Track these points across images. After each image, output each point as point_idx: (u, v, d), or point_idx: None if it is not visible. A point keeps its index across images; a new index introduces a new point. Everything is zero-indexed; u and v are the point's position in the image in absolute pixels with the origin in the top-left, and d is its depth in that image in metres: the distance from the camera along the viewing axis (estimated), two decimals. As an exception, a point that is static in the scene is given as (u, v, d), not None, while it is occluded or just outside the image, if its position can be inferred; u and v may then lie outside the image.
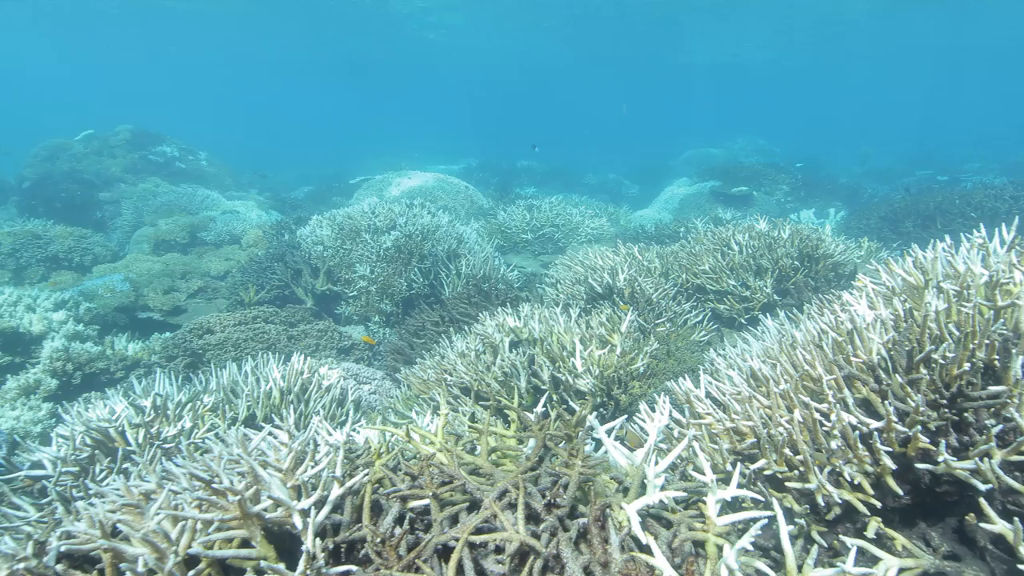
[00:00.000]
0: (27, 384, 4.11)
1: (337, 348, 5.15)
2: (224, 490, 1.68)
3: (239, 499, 1.62)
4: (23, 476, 2.80)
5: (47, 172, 11.28)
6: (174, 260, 7.81)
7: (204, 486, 1.72)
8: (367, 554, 1.61)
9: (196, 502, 1.72)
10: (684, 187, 14.99)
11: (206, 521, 1.67)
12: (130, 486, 1.83)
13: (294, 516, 1.66)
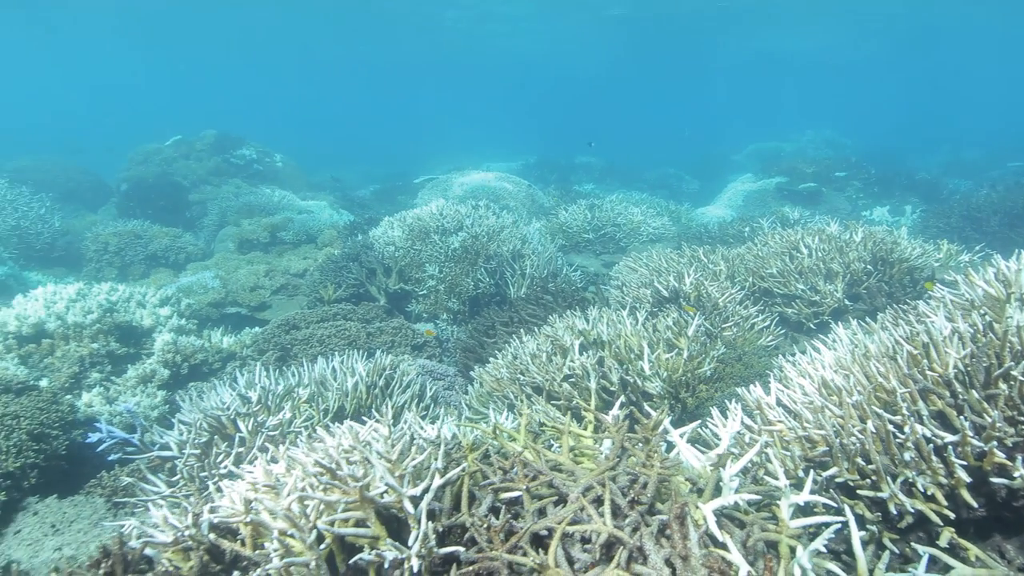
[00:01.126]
0: (144, 373, 4.61)
1: (411, 345, 5.45)
2: (345, 476, 1.94)
3: (360, 485, 1.87)
4: (154, 456, 3.20)
5: (142, 175, 12.24)
6: (257, 259, 8.38)
7: (326, 472, 1.98)
8: (469, 537, 1.82)
9: (321, 486, 1.98)
10: (748, 183, 14.66)
11: (328, 503, 1.92)
12: (266, 469, 2.11)
13: (404, 501, 1.90)
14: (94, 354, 4.68)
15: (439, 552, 1.75)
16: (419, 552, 1.70)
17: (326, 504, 1.91)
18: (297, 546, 1.75)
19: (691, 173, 22.68)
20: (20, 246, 8.11)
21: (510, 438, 2.50)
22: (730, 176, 18.92)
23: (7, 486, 3.00)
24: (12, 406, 3.36)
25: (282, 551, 1.80)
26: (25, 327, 4.75)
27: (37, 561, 2.78)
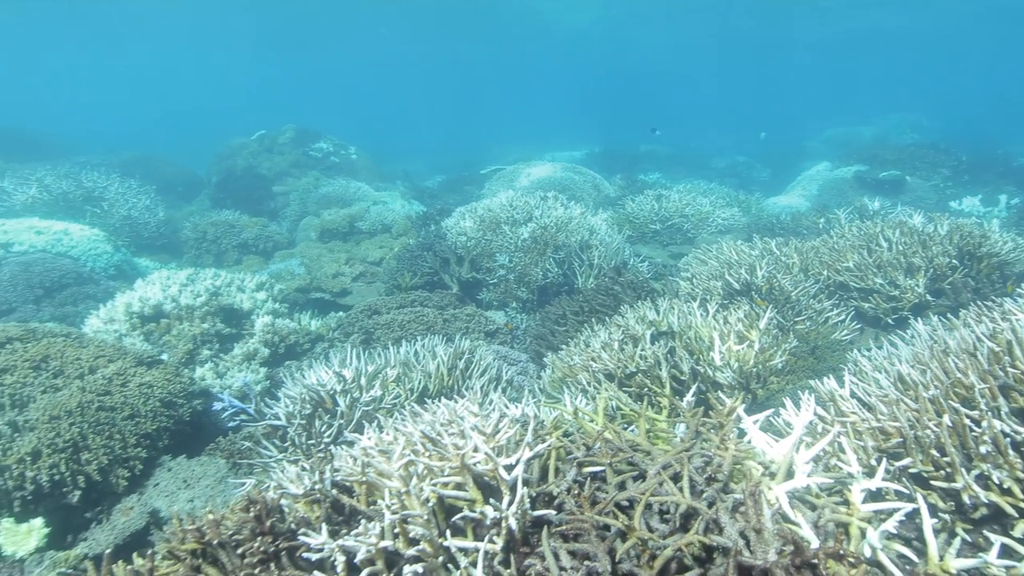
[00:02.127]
0: (248, 351, 5.10)
1: (484, 331, 5.72)
2: (447, 445, 2.20)
3: (461, 454, 2.12)
4: (266, 424, 3.61)
5: (230, 168, 13.13)
6: (337, 247, 8.90)
7: (431, 441, 2.25)
8: (557, 504, 2.04)
9: (427, 454, 2.24)
10: (824, 171, 14.09)
11: (433, 468, 2.19)
12: (378, 437, 2.40)
13: (499, 470, 2.13)
14: (205, 333, 5.21)
15: (532, 514, 1.98)
16: (515, 513, 1.93)
17: (431, 469, 2.17)
18: (411, 503, 2.01)
19: (762, 161, 21.93)
20: (131, 234, 8.98)
21: (589, 419, 2.70)
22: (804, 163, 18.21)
23: (147, 445, 3.47)
24: (147, 376, 3.85)
25: (397, 506, 2.07)
26: (147, 308, 5.34)
27: (173, 510, 3.22)
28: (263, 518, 2.01)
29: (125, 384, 3.69)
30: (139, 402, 3.61)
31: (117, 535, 2.95)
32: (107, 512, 3.20)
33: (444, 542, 1.94)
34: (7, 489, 2.97)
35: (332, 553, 1.90)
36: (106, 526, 3.06)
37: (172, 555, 2.03)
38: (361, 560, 1.90)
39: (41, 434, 3.12)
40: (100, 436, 3.28)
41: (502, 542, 1.98)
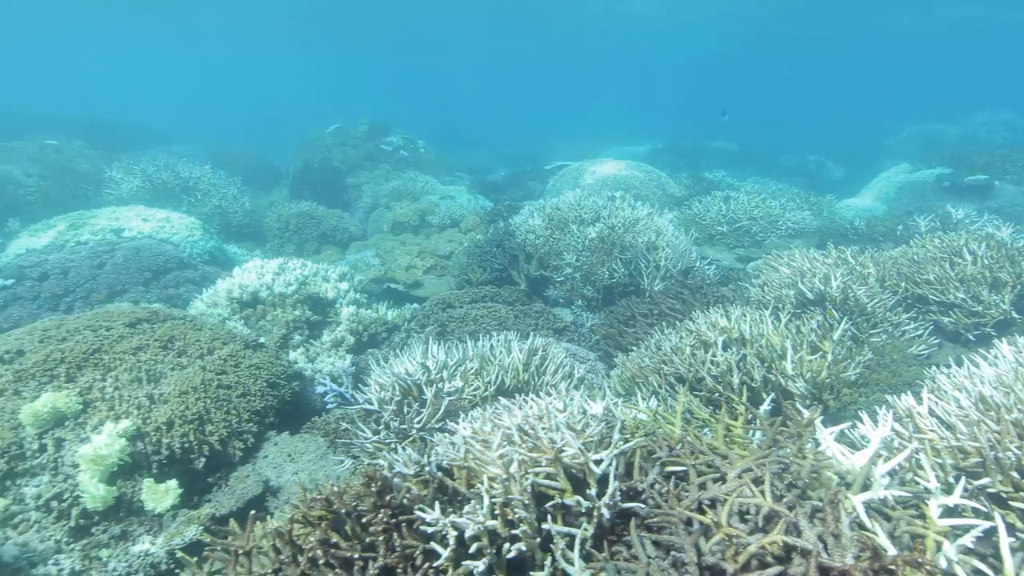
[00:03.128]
0: (336, 339, 5.51)
1: (553, 329, 5.93)
2: (542, 438, 2.43)
3: (556, 447, 2.35)
4: (360, 408, 3.96)
5: (307, 161, 13.81)
6: (409, 240, 9.31)
7: (527, 434, 2.49)
8: (644, 498, 2.24)
9: (523, 444, 2.48)
10: (903, 173, 13.49)
11: (528, 459, 2.42)
12: (475, 428, 2.66)
13: (590, 463, 2.35)
14: (296, 320, 5.66)
15: (622, 506, 2.18)
16: (608, 503, 2.14)
17: (528, 460, 2.41)
18: (513, 488, 2.26)
19: (835, 159, 21.11)
20: (221, 222, 9.67)
21: (668, 421, 2.87)
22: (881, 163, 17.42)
23: (256, 421, 3.88)
24: (254, 359, 4.27)
25: (497, 491, 2.32)
26: (245, 295, 5.83)
27: (281, 480, 3.61)
28: (383, 493, 2.30)
29: (237, 365, 4.11)
30: (249, 382, 4.02)
31: (237, 499, 3.35)
32: (225, 478, 3.62)
33: (543, 525, 2.17)
34: (147, 453, 3.42)
35: (445, 528, 2.17)
36: (226, 490, 3.47)
37: (305, 520, 2.35)
38: (470, 536, 2.16)
39: (173, 406, 3.56)
40: (220, 411, 3.70)
41: (592, 529, 2.20)
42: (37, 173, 9.99)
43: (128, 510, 3.28)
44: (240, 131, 23.61)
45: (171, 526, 3.24)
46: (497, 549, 2.22)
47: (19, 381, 3.57)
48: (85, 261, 7.07)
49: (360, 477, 2.53)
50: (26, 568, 2.90)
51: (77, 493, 3.19)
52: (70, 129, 13.97)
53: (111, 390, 3.60)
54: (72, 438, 3.39)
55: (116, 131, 15.59)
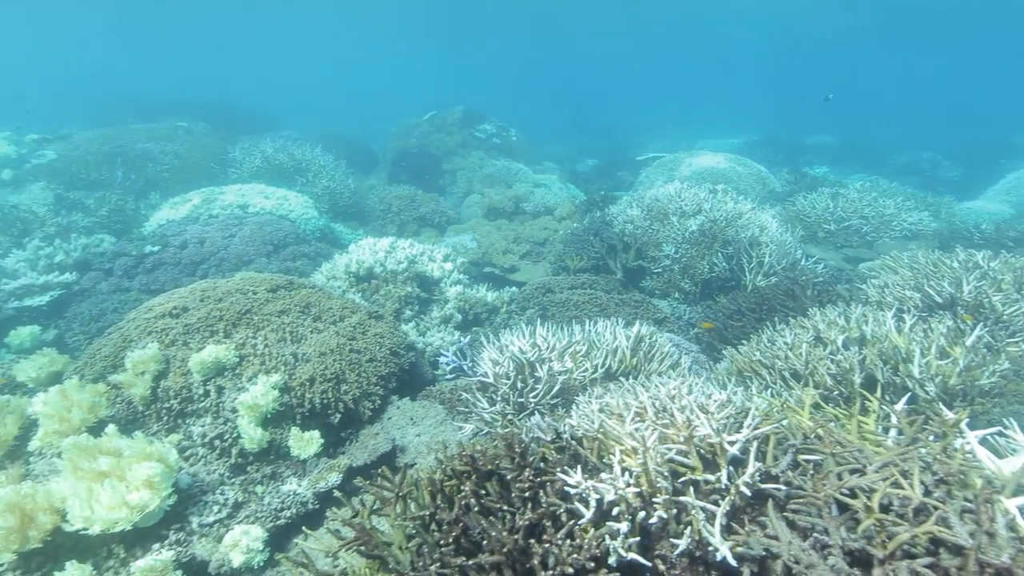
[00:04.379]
0: (445, 315, 5.81)
1: (653, 319, 5.96)
2: (677, 417, 2.52)
3: (692, 426, 2.44)
4: (477, 381, 4.19)
5: (404, 146, 14.36)
6: (503, 226, 9.53)
7: (662, 412, 2.59)
8: (784, 481, 2.29)
9: (657, 421, 2.59)
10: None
11: (663, 436, 2.53)
12: (606, 402, 2.79)
13: (724, 444, 2.42)
14: (408, 296, 5.99)
15: (760, 487, 2.25)
16: (747, 482, 2.22)
17: (662, 436, 2.52)
18: (650, 462, 2.37)
19: (951, 158, 19.49)
20: (330, 202, 10.29)
21: (796, 413, 2.88)
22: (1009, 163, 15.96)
23: (382, 385, 4.20)
24: (378, 328, 4.60)
25: (633, 462, 2.45)
26: (361, 270, 6.24)
27: (404, 440, 3.89)
28: (525, 455, 2.48)
29: (364, 333, 4.45)
30: (375, 349, 4.34)
31: (369, 453, 3.66)
32: (355, 435, 3.96)
33: (681, 498, 2.27)
34: (292, 405, 3.79)
35: (587, 491, 2.32)
36: (358, 445, 3.80)
37: (453, 474, 2.57)
38: (610, 501, 2.30)
39: (315, 365, 3.92)
40: (353, 373, 4.04)
41: (726, 507, 2.28)
42: (172, 152, 11.02)
43: (277, 454, 3.67)
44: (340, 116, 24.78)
45: (314, 471, 3.59)
46: (632, 515, 2.34)
47: (187, 334, 4.05)
48: (217, 233, 7.77)
49: (499, 440, 2.73)
50: (198, 495, 3.33)
51: (236, 434, 3.61)
52: (196, 113, 15.24)
53: (262, 347, 4.01)
54: (230, 387, 3.82)
55: (235, 115, 16.84)
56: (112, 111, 15.86)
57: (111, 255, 7.46)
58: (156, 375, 3.81)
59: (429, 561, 2.17)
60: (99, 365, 3.99)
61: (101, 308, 6.70)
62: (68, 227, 8.27)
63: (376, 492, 2.52)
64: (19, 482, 3.18)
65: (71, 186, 9.65)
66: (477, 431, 3.85)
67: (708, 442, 2.51)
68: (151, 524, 3.06)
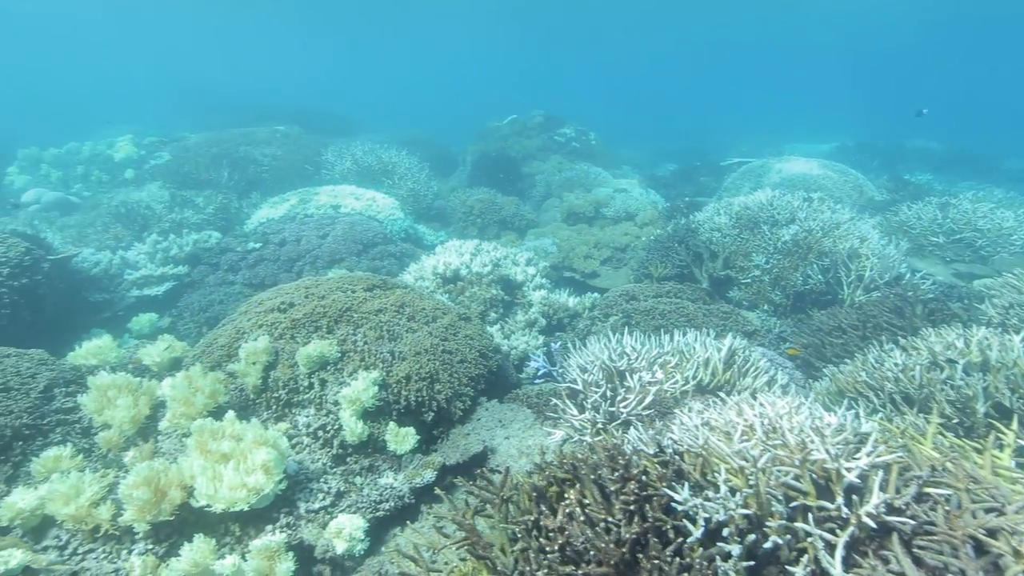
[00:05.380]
0: (529, 319, 5.86)
1: (743, 331, 5.76)
2: (789, 438, 2.43)
3: (806, 450, 2.35)
4: (566, 387, 4.20)
5: (484, 150, 14.60)
6: (584, 231, 9.50)
7: (773, 432, 2.51)
8: (911, 515, 2.16)
9: (765, 441, 2.51)
10: None
11: (775, 458, 2.44)
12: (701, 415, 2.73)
13: (841, 470, 2.31)
14: (493, 298, 6.09)
15: (884, 519, 2.13)
16: (870, 512, 2.11)
17: (772, 458, 2.43)
18: (762, 482, 2.30)
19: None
20: (414, 204, 10.62)
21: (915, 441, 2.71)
22: None
23: (472, 386, 4.29)
24: (468, 329, 4.70)
25: (741, 483, 2.38)
26: (448, 271, 6.39)
27: (494, 443, 3.96)
28: (629, 467, 2.46)
29: (456, 334, 4.56)
30: (466, 350, 4.44)
31: (462, 453, 3.75)
32: (446, 434, 4.06)
33: (797, 524, 2.19)
34: (389, 402, 3.94)
35: (695, 509, 2.28)
36: (450, 444, 3.90)
37: (554, 480, 2.60)
38: (719, 521, 2.25)
39: (410, 363, 4.06)
40: (445, 372, 4.15)
41: (845, 537, 2.17)
42: (271, 154, 11.72)
43: (374, 447, 3.83)
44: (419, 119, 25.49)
45: (409, 467, 3.72)
46: (741, 537, 2.28)
47: (294, 328, 4.30)
48: (312, 231, 8.19)
49: (600, 450, 2.73)
50: (304, 482, 3.53)
51: (337, 426, 3.79)
52: (289, 117, 16.13)
53: (361, 343, 4.20)
54: (332, 380, 4.02)
55: (323, 119, 17.71)
56: (215, 116, 17.06)
57: (218, 250, 8.03)
58: (266, 366, 4.07)
59: (535, 567, 2.20)
60: (216, 354, 4.31)
61: (209, 299, 7.23)
62: (180, 223, 8.98)
63: (481, 494, 2.58)
64: (151, 458, 3.48)
65: (183, 185, 10.46)
66: (567, 438, 3.86)
67: (823, 467, 2.41)
68: (263, 506, 3.27)
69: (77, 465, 3.42)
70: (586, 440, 3.81)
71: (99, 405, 3.68)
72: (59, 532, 3.16)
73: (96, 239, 8.58)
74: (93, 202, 9.75)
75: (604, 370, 4.20)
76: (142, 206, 9.12)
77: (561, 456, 2.67)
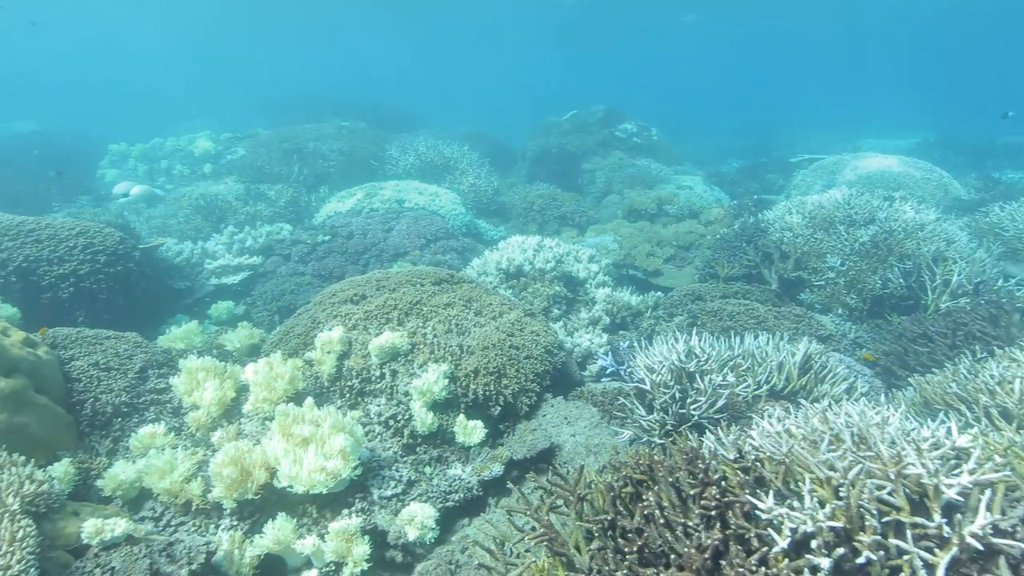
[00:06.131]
0: (593, 317, 5.83)
1: (816, 336, 5.53)
2: (882, 450, 2.32)
3: (902, 463, 2.23)
4: (634, 387, 4.16)
5: (544, 145, 14.57)
6: (646, 228, 9.34)
7: (860, 443, 2.40)
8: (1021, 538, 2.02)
9: (855, 452, 2.40)
10: None
11: (866, 470, 2.34)
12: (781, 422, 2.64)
13: (940, 486, 2.19)
14: (556, 295, 6.08)
15: (992, 540, 2.01)
16: (976, 533, 1.99)
17: (864, 470, 2.33)
18: (853, 495, 2.21)
19: None
20: (474, 199, 10.73)
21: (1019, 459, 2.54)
22: None
23: (538, 382, 4.30)
24: (534, 325, 4.71)
25: (827, 494, 2.29)
26: (511, 267, 6.43)
27: (559, 439, 3.96)
28: (709, 471, 2.41)
29: (522, 330, 4.58)
30: (532, 346, 4.46)
31: (528, 448, 3.77)
32: (512, 429, 4.10)
33: (893, 541, 2.09)
34: (457, 395, 4.01)
35: (779, 519, 2.22)
36: (517, 439, 3.93)
37: (629, 481, 2.58)
38: (805, 532, 2.17)
39: (478, 357, 4.11)
40: (512, 367, 4.18)
41: (948, 558, 2.06)
42: (338, 149, 12.09)
43: (442, 439, 3.91)
44: (478, 114, 25.70)
45: (476, 460, 3.77)
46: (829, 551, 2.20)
47: (366, 320, 4.43)
48: (378, 225, 8.41)
49: (677, 452, 2.68)
50: (376, 469, 3.64)
51: (408, 416, 3.89)
52: (355, 113, 16.59)
53: (431, 336, 4.28)
54: (403, 371, 4.12)
55: (386, 114, 18.10)
56: (286, 112, 17.72)
57: (289, 242, 8.36)
58: (340, 355, 4.21)
59: (614, 567, 2.19)
60: (293, 342, 4.50)
61: (280, 289, 7.54)
62: (254, 215, 9.40)
63: (554, 490, 2.59)
64: (235, 439, 3.67)
65: (256, 179, 10.93)
66: (635, 438, 3.82)
67: (918, 482, 2.29)
68: (339, 491, 3.39)
69: (169, 442, 3.65)
70: (655, 441, 3.76)
71: (189, 387, 3.91)
72: (154, 504, 3.38)
73: (178, 229, 9.10)
74: (175, 195, 10.34)
75: (673, 371, 4.12)
76: (220, 199, 9.59)
77: (636, 456, 2.64)
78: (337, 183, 11.13)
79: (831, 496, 2.36)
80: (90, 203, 11.17)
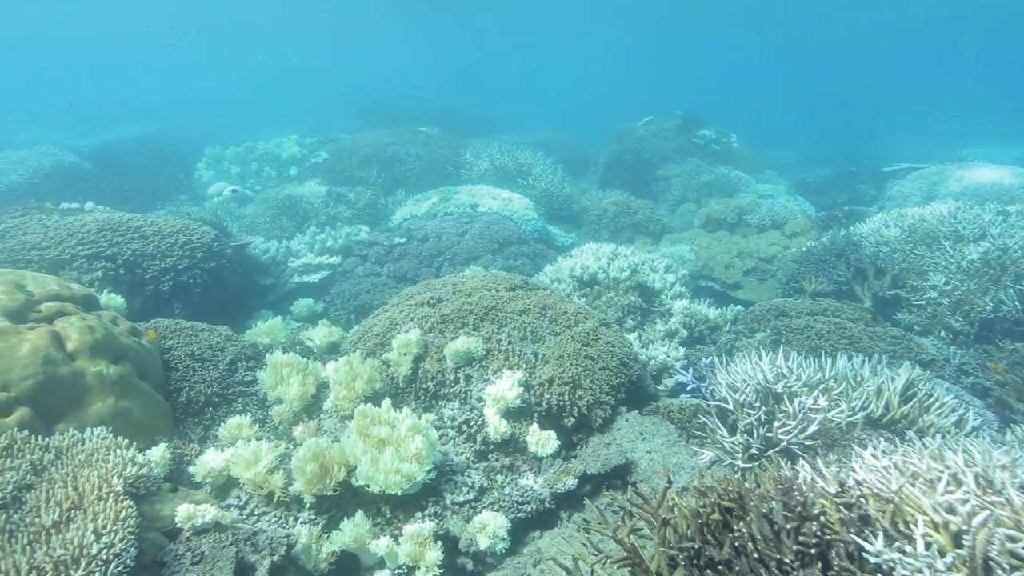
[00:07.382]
0: (670, 329, 5.64)
1: (917, 360, 5.10)
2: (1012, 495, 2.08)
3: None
4: (716, 406, 3.97)
5: (618, 152, 14.35)
6: (724, 238, 8.98)
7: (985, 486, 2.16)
8: None
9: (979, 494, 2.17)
10: None
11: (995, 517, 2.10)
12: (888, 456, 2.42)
13: (1086, 545, 1.93)
14: (631, 305, 5.93)
15: None
16: None
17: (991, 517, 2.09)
18: (979, 545, 1.98)
19: None
20: (547, 205, 10.68)
21: None
22: None
23: (613, 394, 4.18)
24: (609, 336, 4.60)
25: (939, 540, 2.07)
26: (585, 275, 6.33)
27: (635, 456, 3.82)
28: (807, 506, 2.24)
29: (597, 340, 4.48)
30: (607, 357, 4.35)
31: (603, 463, 3.66)
32: (586, 441, 4.00)
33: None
34: (531, 404, 3.96)
35: (890, 564, 2.02)
36: (590, 452, 3.83)
37: (716, 508, 2.44)
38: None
39: (553, 367, 4.05)
40: (587, 378, 4.09)
41: (1094, 625, 1.81)
42: (414, 154, 12.39)
43: (515, 447, 3.86)
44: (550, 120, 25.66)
45: (549, 471, 3.71)
46: (947, 605, 1.98)
47: (442, 323, 4.46)
48: (452, 229, 8.52)
49: (768, 481, 2.52)
50: (449, 474, 3.64)
51: (481, 422, 3.87)
52: (430, 119, 16.97)
53: (505, 343, 4.26)
54: (477, 376, 4.11)
55: (460, 120, 18.42)
56: (366, 118, 18.37)
57: (367, 243, 8.61)
58: (416, 358, 4.26)
59: (702, 599, 2.07)
60: (371, 342, 4.59)
61: (357, 289, 7.76)
62: (335, 217, 9.75)
63: (636, 511, 2.48)
64: (315, 435, 3.78)
65: (337, 182, 11.36)
66: (716, 460, 3.64)
67: (1058, 535, 2.03)
68: (413, 493, 3.42)
69: (255, 434, 3.80)
70: (738, 464, 3.56)
71: (274, 381, 4.06)
72: (239, 493, 3.52)
73: (265, 229, 9.57)
74: (263, 196, 10.89)
75: (759, 391, 3.90)
76: (303, 200, 10.02)
77: (724, 482, 2.50)
78: (413, 187, 11.38)
79: (949, 543, 2.13)
80: (188, 202, 11.97)
